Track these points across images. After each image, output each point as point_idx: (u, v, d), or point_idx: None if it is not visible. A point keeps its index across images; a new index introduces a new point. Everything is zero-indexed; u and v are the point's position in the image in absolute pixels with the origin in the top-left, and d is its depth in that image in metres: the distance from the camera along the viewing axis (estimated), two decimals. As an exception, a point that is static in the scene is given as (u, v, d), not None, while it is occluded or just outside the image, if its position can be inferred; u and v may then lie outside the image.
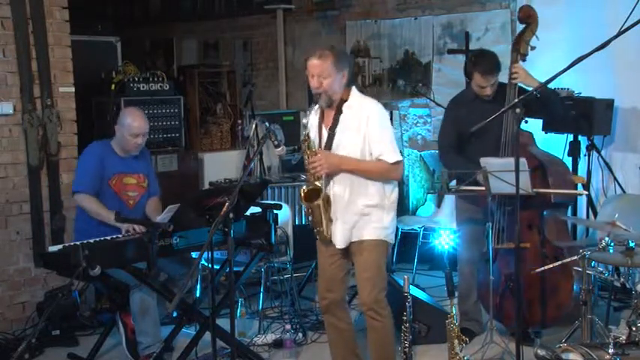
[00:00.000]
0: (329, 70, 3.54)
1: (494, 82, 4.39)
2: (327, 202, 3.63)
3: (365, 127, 3.56)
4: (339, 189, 3.63)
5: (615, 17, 3.34)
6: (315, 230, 3.70)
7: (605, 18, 5.24)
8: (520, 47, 4.36)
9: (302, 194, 3.60)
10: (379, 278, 3.67)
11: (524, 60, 4.40)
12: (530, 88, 4.24)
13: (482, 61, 4.40)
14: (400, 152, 3.77)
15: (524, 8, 4.44)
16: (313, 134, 3.69)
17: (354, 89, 3.69)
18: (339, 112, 3.63)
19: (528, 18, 4.36)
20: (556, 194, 4.25)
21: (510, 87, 4.32)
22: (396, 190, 3.73)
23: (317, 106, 3.69)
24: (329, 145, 3.64)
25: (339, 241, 3.66)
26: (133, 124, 4.32)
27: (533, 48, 4.37)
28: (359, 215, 3.63)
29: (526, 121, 4.06)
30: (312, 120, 3.71)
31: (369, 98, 3.71)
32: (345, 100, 3.63)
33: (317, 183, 3.59)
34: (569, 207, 4.84)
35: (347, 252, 3.72)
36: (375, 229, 3.63)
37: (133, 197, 4.46)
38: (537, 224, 4.31)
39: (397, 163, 3.59)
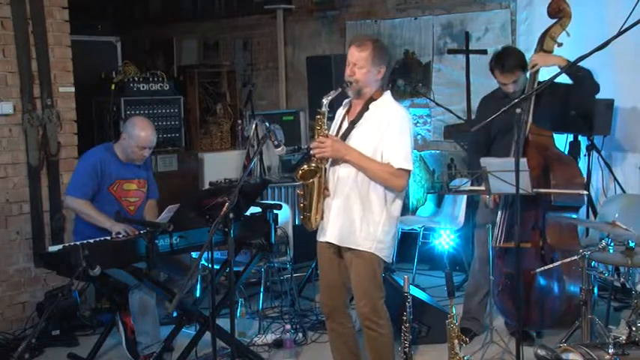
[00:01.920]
0: (364, 62, 3.49)
1: (516, 79, 4.30)
2: (324, 188, 3.55)
3: (385, 129, 3.49)
4: (344, 172, 3.54)
5: (616, 17, 3.33)
6: (302, 217, 3.59)
7: (605, 17, 5.24)
8: (544, 43, 4.26)
9: (299, 172, 3.52)
10: (374, 289, 3.60)
11: None
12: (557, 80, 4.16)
13: (501, 59, 4.33)
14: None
15: (555, 2, 4.27)
16: (334, 125, 3.66)
17: (388, 93, 3.62)
18: (365, 108, 3.56)
19: (559, 12, 4.23)
20: (557, 196, 4.22)
21: (531, 80, 4.24)
22: (399, 204, 3.61)
23: (347, 100, 3.66)
24: (344, 137, 3.57)
25: (331, 233, 3.56)
26: (140, 134, 4.29)
27: (560, 44, 4.26)
28: (357, 208, 3.52)
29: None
30: (338, 113, 3.70)
31: (398, 104, 3.63)
32: (375, 100, 3.57)
33: (319, 165, 3.51)
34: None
35: (342, 256, 3.64)
36: (367, 240, 3.52)
37: (133, 203, 4.45)
38: (539, 225, 4.30)
39: (402, 170, 3.49)
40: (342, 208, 3.54)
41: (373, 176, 3.51)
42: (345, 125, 3.62)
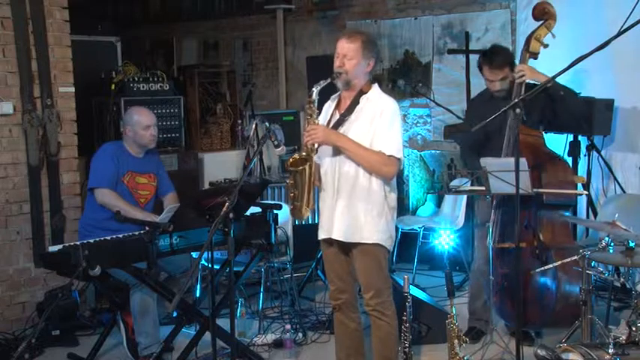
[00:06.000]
0: (354, 53, 3.52)
1: (504, 77, 4.34)
2: (315, 179, 3.57)
3: (377, 121, 3.53)
4: (346, 169, 3.57)
5: (616, 17, 3.33)
6: (292, 207, 3.59)
7: (605, 17, 5.24)
8: (530, 45, 4.28)
9: (290, 160, 3.53)
10: (381, 281, 3.65)
11: (535, 58, 4.32)
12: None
13: (491, 55, 4.38)
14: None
15: (540, 4, 4.31)
16: (324, 118, 3.67)
17: (376, 86, 3.67)
18: (355, 102, 3.60)
19: (544, 14, 4.26)
20: (551, 195, 4.22)
21: (518, 86, 4.26)
22: (395, 194, 3.69)
23: (335, 94, 3.67)
24: (335, 128, 3.59)
25: (337, 230, 3.59)
26: (141, 118, 4.45)
27: (546, 46, 4.28)
28: (360, 203, 3.55)
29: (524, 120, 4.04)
30: (327, 106, 3.71)
31: (388, 97, 3.67)
32: (365, 93, 3.60)
33: (309, 153, 3.52)
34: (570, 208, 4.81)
35: (347, 251, 3.68)
36: (372, 231, 3.58)
37: (144, 196, 4.53)
38: (532, 224, 4.30)
39: (393, 158, 3.53)
40: (347, 207, 3.58)
41: (364, 162, 3.53)
42: (336, 117, 3.64)
